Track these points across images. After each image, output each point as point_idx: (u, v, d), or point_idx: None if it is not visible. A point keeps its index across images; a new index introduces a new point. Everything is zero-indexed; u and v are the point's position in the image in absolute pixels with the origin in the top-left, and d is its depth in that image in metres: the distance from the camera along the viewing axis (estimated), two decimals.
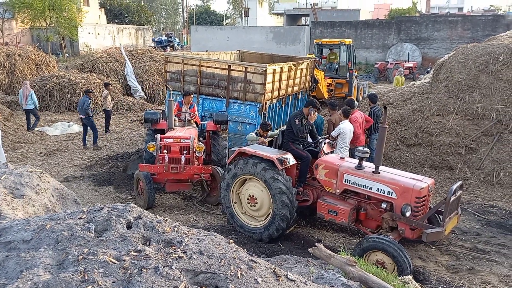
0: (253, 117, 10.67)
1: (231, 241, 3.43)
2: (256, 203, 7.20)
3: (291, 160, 7.09)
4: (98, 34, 46.49)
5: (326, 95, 17.56)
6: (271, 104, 11.21)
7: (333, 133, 9.02)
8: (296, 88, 13.15)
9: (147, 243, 3.14)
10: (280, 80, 11.43)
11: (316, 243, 4.75)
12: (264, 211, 7.21)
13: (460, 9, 68.60)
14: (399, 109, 12.01)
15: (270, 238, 7.08)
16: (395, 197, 6.19)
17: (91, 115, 13.21)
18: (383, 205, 6.36)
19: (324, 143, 7.85)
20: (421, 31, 35.67)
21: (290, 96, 12.85)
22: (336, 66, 19.59)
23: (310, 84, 15.15)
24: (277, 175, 6.81)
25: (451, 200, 5.96)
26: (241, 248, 3.42)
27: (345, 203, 6.77)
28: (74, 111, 17.94)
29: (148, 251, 2.97)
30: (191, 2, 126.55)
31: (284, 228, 6.96)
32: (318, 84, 16.14)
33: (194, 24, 59.36)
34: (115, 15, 60.78)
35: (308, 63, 14.24)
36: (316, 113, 7.64)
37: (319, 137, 8.05)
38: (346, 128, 9.00)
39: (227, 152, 9.94)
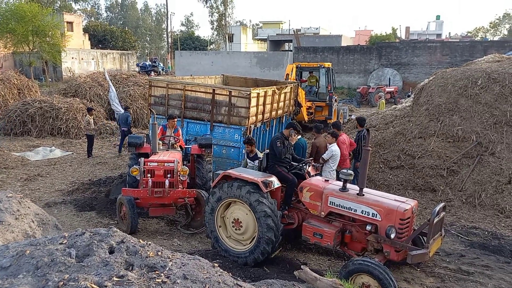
0: (238, 141, 10.69)
1: (216, 265, 3.39)
2: (241, 226, 7.10)
3: (275, 182, 7.08)
4: (82, 59, 46.48)
5: (306, 118, 17.68)
6: (256, 128, 11.27)
7: (325, 156, 9.05)
8: (280, 111, 13.26)
9: (130, 268, 3.08)
10: (264, 104, 11.53)
11: (302, 266, 4.72)
12: (249, 235, 7.13)
13: (439, 35, 70.61)
14: (382, 132, 12.18)
15: (256, 262, 6.98)
16: (380, 219, 6.21)
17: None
18: (368, 227, 6.36)
19: (309, 165, 7.86)
20: (401, 56, 36.55)
21: (274, 120, 12.95)
22: (316, 89, 19.75)
23: (294, 108, 15.31)
24: (262, 198, 6.74)
25: (434, 221, 5.99)
26: (226, 272, 3.38)
27: (330, 226, 6.74)
28: (56, 136, 17.74)
29: (131, 276, 2.91)
30: (175, 28, 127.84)
31: (269, 251, 6.89)
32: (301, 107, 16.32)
33: (178, 49, 59.82)
34: (99, 40, 61.03)
35: (291, 87, 14.41)
36: (298, 136, 7.60)
37: (303, 160, 8.07)
38: (337, 150, 9.08)
39: (211, 175, 9.90)
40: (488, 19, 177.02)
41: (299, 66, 19.98)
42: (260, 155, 9.25)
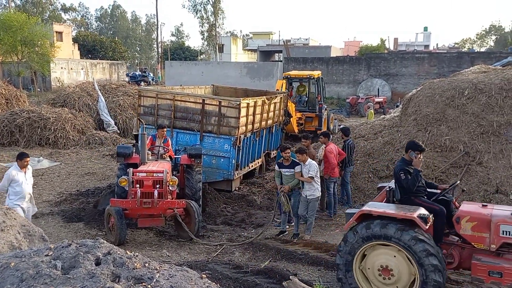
0: (227, 151, 10.69)
1: (204, 276, 3.36)
2: (392, 275, 5.87)
3: (431, 216, 5.93)
4: (71, 69, 46.30)
5: (296, 130, 17.65)
6: (245, 138, 11.28)
7: (312, 173, 8.51)
8: (270, 121, 13.31)
9: (116, 280, 3.04)
10: (254, 114, 11.56)
11: (291, 277, 4.70)
12: (404, 283, 5.89)
13: (426, 46, 71.52)
14: (371, 142, 12.26)
15: None
16: None
17: None
18: None
19: (456, 189, 6.88)
20: (389, 67, 36.97)
21: (264, 130, 12.97)
22: (306, 99, 19.71)
23: (283, 118, 15.36)
24: (418, 234, 5.68)
25: None
26: (214, 284, 3.35)
27: (510, 261, 5.74)
28: (44, 146, 17.55)
29: None
30: (165, 38, 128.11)
31: None
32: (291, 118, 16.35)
33: (168, 59, 59.86)
34: (88, 50, 60.96)
35: (281, 97, 14.48)
36: (421, 156, 6.41)
37: (450, 184, 7.02)
38: (313, 162, 8.80)
39: (201, 185, 9.85)
40: (475, 31, 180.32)
41: (288, 76, 19.91)
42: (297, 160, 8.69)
